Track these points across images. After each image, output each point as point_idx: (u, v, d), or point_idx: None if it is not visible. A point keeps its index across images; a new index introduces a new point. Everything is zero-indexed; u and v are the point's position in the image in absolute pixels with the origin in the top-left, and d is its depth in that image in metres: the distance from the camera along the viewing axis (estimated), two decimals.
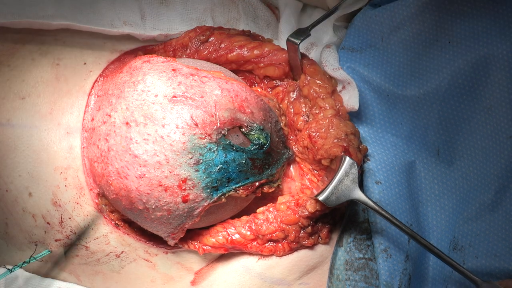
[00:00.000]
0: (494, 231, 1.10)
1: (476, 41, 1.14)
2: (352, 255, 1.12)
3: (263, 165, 1.08)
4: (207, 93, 1.07)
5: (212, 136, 1.04)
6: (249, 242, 1.09)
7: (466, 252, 1.10)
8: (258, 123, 1.08)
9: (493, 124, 1.13)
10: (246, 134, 1.07)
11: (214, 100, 1.06)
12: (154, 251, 1.16)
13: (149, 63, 1.12)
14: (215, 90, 1.08)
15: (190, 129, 1.03)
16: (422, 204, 1.14)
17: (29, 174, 1.14)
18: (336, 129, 1.10)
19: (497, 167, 1.12)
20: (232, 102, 1.07)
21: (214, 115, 1.05)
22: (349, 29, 1.23)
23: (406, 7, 1.18)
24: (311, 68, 1.16)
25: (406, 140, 1.17)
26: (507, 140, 1.11)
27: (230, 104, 1.07)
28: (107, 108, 1.09)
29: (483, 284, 1.00)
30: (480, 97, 1.14)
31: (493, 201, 1.12)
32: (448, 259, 1.01)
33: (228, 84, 1.10)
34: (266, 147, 1.07)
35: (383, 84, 1.18)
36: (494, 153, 1.13)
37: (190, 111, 1.04)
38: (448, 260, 1.01)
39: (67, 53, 1.19)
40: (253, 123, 1.08)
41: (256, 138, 1.07)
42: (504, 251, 1.08)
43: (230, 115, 1.06)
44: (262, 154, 1.07)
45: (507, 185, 1.12)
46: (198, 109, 1.05)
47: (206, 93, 1.07)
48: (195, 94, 1.06)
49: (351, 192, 1.05)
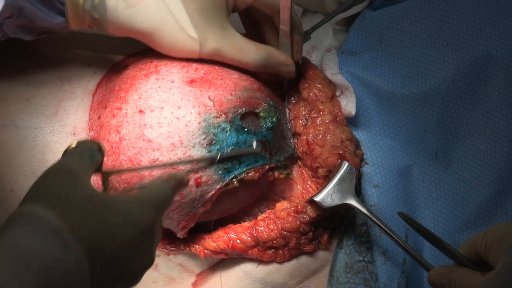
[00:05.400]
0: None
1: (475, 43, 1.14)
2: (352, 258, 1.12)
3: (272, 148, 1.08)
4: (226, 77, 1.07)
5: (228, 114, 1.04)
6: (249, 248, 1.10)
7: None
8: (274, 102, 1.09)
9: (492, 127, 1.13)
10: (262, 112, 1.08)
11: (234, 82, 1.07)
12: (156, 253, 1.17)
13: (159, 57, 1.12)
14: (234, 74, 1.09)
15: (206, 108, 1.03)
16: (420, 208, 1.14)
17: (34, 174, 1.14)
18: (332, 136, 1.11)
19: (496, 170, 1.12)
20: (252, 84, 1.09)
21: (233, 94, 1.05)
22: (348, 33, 1.23)
23: (405, 9, 1.18)
24: (311, 72, 1.17)
25: (404, 144, 1.17)
26: (507, 143, 1.11)
27: (249, 86, 1.08)
28: (116, 103, 1.09)
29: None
30: (479, 100, 1.14)
31: (492, 203, 1.13)
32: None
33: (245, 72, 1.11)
34: (275, 124, 1.08)
35: (382, 86, 1.18)
36: (493, 156, 1.13)
37: (209, 91, 1.05)
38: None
39: (70, 55, 1.20)
40: (270, 100, 1.09)
41: (269, 119, 1.08)
42: None
43: (249, 94, 1.07)
44: (272, 135, 1.08)
45: (506, 188, 1.12)
46: (217, 89, 1.05)
47: (225, 77, 1.07)
48: (214, 78, 1.07)
49: (346, 196, 1.06)
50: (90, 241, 0.78)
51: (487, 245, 0.88)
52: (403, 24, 1.18)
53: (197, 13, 1.03)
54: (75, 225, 0.77)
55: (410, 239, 1.11)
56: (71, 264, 0.76)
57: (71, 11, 1.01)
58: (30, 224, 0.76)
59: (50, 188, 0.80)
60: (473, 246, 0.91)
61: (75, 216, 0.78)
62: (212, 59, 1.08)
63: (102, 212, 0.80)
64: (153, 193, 0.87)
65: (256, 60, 1.08)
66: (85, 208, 0.79)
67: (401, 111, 1.18)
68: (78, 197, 0.80)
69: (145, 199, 0.87)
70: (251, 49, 1.08)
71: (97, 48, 1.21)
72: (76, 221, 0.78)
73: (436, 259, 1.10)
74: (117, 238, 0.81)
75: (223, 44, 1.06)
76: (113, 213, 0.81)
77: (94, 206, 0.80)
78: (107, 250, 0.80)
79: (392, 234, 1.03)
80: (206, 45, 1.05)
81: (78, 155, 0.87)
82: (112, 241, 0.80)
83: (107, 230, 0.80)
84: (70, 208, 0.78)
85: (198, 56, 1.07)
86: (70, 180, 0.82)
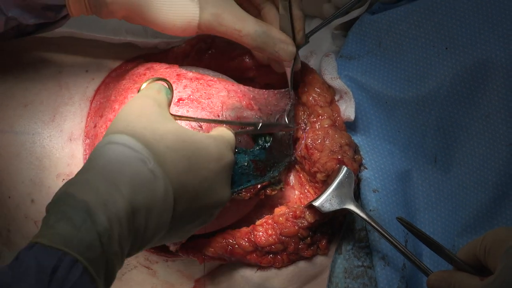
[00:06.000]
0: None
1: (474, 47, 1.14)
2: (351, 263, 1.12)
3: (265, 167, 1.07)
4: (213, 95, 1.07)
5: None
6: (248, 254, 1.09)
7: None
8: (266, 119, 1.08)
9: (491, 131, 1.13)
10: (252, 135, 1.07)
11: (221, 101, 1.06)
12: (154, 259, 1.17)
13: (153, 69, 1.12)
14: (222, 92, 1.08)
15: (194, 130, 1.02)
16: (419, 212, 1.14)
17: (32, 180, 1.14)
18: (331, 141, 1.11)
19: (496, 174, 1.11)
20: (240, 101, 1.07)
21: (219, 116, 1.05)
22: (347, 37, 1.23)
23: (404, 13, 1.18)
24: (310, 76, 1.16)
25: (403, 148, 1.17)
26: (506, 147, 1.11)
27: (237, 104, 1.07)
28: (110, 114, 1.09)
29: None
30: (478, 104, 1.14)
31: (491, 208, 1.12)
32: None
33: (235, 86, 1.10)
34: (268, 146, 1.07)
35: (381, 90, 1.18)
36: (492, 160, 1.12)
37: (196, 113, 1.04)
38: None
39: (69, 61, 1.20)
40: (260, 118, 1.08)
41: (261, 138, 1.07)
42: None
43: (237, 113, 1.06)
44: (265, 154, 1.07)
45: (506, 192, 1.11)
46: (204, 110, 1.05)
47: (212, 95, 1.07)
48: (201, 96, 1.06)
49: (345, 201, 1.06)
50: (174, 174, 0.84)
51: (486, 250, 0.87)
52: (402, 28, 1.18)
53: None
54: (161, 158, 0.84)
55: (409, 244, 1.11)
56: (158, 192, 0.82)
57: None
58: (120, 153, 0.82)
59: (138, 119, 0.86)
60: (472, 251, 0.91)
61: (162, 149, 0.84)
62: (209, 31, 1.03)
63: (186, 147, 0.86)
64: (226, 134, 0.96)
65: (256, 31, 1.02)
66: (171, 142, 0.85)
67: (400, 115, 1.17)
68: (164, 130, 0.86)
69: (222, 139, 0.94)
70: (250, 20, 1.03)
71: (95, 54, 1.21)
72: (162, 155, 0.84)
73: (435, 263, 1.09)
74: (199, 173, 0.87)
75: (223, 10, 1.01)
76: (196, 149, 0.88)
77: (179, 141, 0.86)
78: (189, 184, 0.87)
79: (391, 239, 1.03)
80: (206, 9, 1.00)
81: (157, 90, 0.92)
82: (194, 175, 0.87)
83: (191, 165, 0.87)
84: (157, 141, 0.84)
85: (197, 25, 1.02)
86: (157, 112, 0.88)
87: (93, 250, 0.74)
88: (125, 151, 0.82)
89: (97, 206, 0.76)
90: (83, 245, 0.73)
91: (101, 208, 0.76)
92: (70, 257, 0.72)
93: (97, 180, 0.79)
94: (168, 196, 0.83)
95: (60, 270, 0.71)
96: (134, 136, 0.84)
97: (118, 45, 1.20)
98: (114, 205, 0.77)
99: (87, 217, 0.75)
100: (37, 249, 0.73)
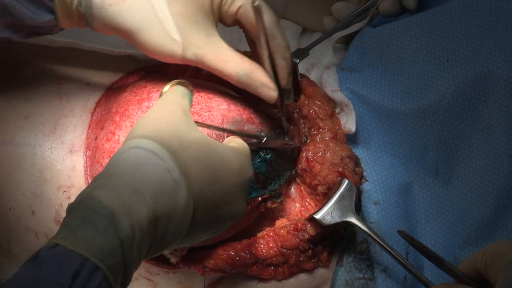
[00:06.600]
0: None
1: (476, 60, 1.13)
2: (353, 275, 1.12)
3: (266, 179, 1.07)
4: (214, 108, 1.06)
5: None
6: (249, 266, 1.09)
7: None
8: (266, 132, 1.08)
9: (492, 144, 1.12)
10: (252, 145, 1.05)
11: (221, 114, 1.06)
12: (155, 270, 1.17)
13: (153, 81, 1.12)
14: (222, 105, 1.07)
15: None
16: (420, 224, 1.13)
17: (32, 192, 1.14)
18: (332, 154, 1.11)
19: (497, 186, 1.11)
20: (240, 115, 1.07)
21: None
22: (348, 50, 1.23)
23: (405, 26, 1.18)
24: (310, 89, 1.16)
25: (404, 160, 1.17)
26: (507, 159, 1.11)
27: (238, 117, 1.07)
28: (111, 127, 1.09)
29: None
30: (480, 117, 1.14)
31: (493, 220, 1.12)
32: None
33: (235, 99, 1.10)
34: (269, 159, 1.07)
35: (382, 103, 1.18)
36: (494, 172, 1.12)
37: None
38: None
39: (70, 73, 1.20)
40: (261, 132, 1.08)
41: (262, 151, 1.07)
42: None
43: (238, 127, 1.06)
44: (265, 167, 1.07)
45: (507, 205, 1.11)
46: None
47: (213, 108, 1.06)
48: (201, 109, 1.06)
49: (347, 214, 1.06)
50: (197, 186, 0.84)
51: (487, 263, 0.87)
52: (403, 41, 1.18)
53: (181, 17, 1.00)
54: (186, 169, 0.84)
55: (410, 256, 1.11)
56: (179, 203, 0.82)
57: (59, 4, 0.99)
58: (147, 159, 0.82)
59: (166, 126, 0.86)
60: (473, 264, 0.90)
61: (187, 160, 0.84)
62: (195, 65, 1.04)
63: (211, 160, 0.87)
64: (245, 147, 0.96)
65: (238, 73, 1.02)
66: (196, 153, 0.85)
67: (401, 128, 1.17)
68: (191, 140, 0.86)
69: (244, 153, 0.95)
70: (234, 61, 1.02)
71: (96, 66, 1.21)
72: (188, 166, 0.84)
73: (436, 276, 1.09)
74: (221, 186, 0.88)
75: (206, 51, 1.01)
76: (220, 163, 0.88)
77: (204, 152, 0.86)
78: (210, 197, 0.87)
79: (392, 252, 1.03)
80: (188, 49, 1.01)
81: (182, 95, 0.91)
82: (216, 189, 0.87)
83: (214, 178, 0.87)
84: (184, 151, 0.84)
85: (182, 60, 1.02)
86: (184, 119, 0.88)
87: (113, 257, 0.74)
88: (152, 158, 0.82)
89: (121, 213, 0.76)
90: (104, 252, 0.73)
91: (125, 215, 0.76)
92: (91, 263, 0.72)
93: (122, 187, 0.79)
94: (188, 207, 0.84)
95: (80, 277, 0.71)
96: (162, 144, 0.83)
97: (119, 57, 1.20)
98: (137, 213, 0.78)
99: (111, 223, 0.75)
100: (58, 251, 0.73)
